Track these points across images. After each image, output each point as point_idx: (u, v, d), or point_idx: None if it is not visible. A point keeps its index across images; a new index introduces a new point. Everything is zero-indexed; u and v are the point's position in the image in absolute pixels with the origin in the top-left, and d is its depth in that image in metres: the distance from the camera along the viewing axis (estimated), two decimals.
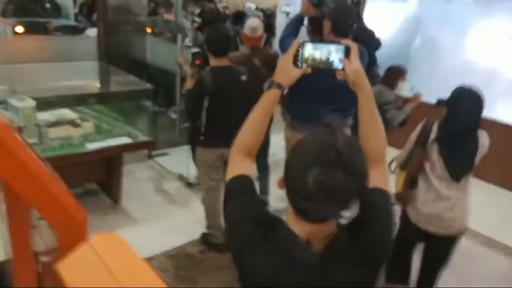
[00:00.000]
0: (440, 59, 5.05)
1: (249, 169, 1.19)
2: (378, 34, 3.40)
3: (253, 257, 1.03)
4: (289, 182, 0.96)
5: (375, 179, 1.09)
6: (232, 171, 1.18)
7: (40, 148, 2.94)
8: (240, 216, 1.09)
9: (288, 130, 3.09)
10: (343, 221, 1.06)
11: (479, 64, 4.72)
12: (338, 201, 0.92)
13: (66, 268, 0.96)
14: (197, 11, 5.22)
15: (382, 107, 3.39)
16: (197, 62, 3.27)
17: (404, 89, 3.59)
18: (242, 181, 1.15)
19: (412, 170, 2.42)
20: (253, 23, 3.16)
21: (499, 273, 3.25)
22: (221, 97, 2.81)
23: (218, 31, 2.84)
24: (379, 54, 3.43)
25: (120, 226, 3.29)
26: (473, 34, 4.88)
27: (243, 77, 2.90)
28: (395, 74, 3.57)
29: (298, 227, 1.00)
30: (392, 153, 2.32)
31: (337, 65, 1.16)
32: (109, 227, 3.14)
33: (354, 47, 1.15)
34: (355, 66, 1.14)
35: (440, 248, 2.46)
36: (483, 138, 2.30)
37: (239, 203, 1.11)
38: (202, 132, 2.90)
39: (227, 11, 5.95)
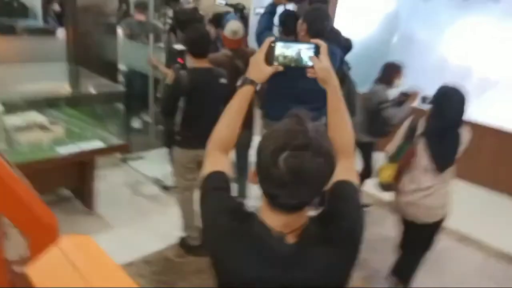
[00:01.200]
0: (416, 56, 5.09)
1: (225, 165, 1.21)
2: (350, 34, 3.45)
3: (229, 250, 1.05)
4: (261, 169, 0.98)
5: (343, 172, 1.13)
6: (208, 167, 1.20)
7: (8, 153, 2.84)
8: (215, 210, 1.10)
9: (264, 131, 3.08)
10: (313, 213, 1.09)
11: (454, 62, 4.84)
12: (309, 183, 0.94)
13: (35, 271, 0.92)
14: (170, 12, 5.15)
15: (378, 106, 3.44)
16: (180, 60, 3.22)
17: (403, 85, 3.55)
18: (218, 176, 1.16)
19: (403, 163, 2.56)
20: (234, 26, 3.15)
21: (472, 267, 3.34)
22: (198, 99, 2.80)
23: (198, 31, 2.84)
24: (356, 50, 3.47)
25: (95, 232, 3.19)
26: (449, 32, 4.97)
27: (223, 80, 2.88)
28: (391, 71, 3.55)
29: (271, 220, 1.03)
30: None
31: (307, 63, 1.21)
32: (84, 234, 3.05)
33: (323, 46, 1.21)
34: (324, 64, 1.20)
35: (419, 235, 2.64)
36: (465, 133, 2.48)
37: (215, 197, 1.13)
38: (179, 132, 2.89)
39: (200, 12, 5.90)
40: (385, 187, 2.70)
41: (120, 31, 4.84)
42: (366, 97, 3.63)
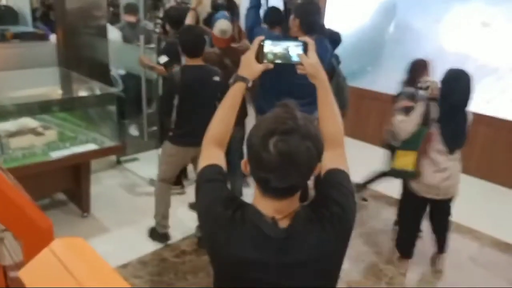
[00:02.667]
0: (413, 45, 5.10)
1: (220, 159, 1.25)
2: (344, 24, 3.42)
3: (224, 236, 1.08)
4: (252, 155, 1.02)
5: (334, 160, 1.18)
6: (204, 161, 1.24)
7: (1, 159, 2.84)
8: (210, 199, 1.14)
9: None
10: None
11: (451, 50, 4.81)
12: (298, 165, 0.98)
13: (28, 274, 0.92)
14: (160, 13, 5.15)
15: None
16: (163, 71, 3.28)
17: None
18: (213, 169, 1.20)
19: (423, 148, 2.73)
20: (223, 25, 3.14)
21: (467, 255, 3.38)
22: (191, 96, 2.83)
23: (192, 32, 2.87)
24: (352, 40, 3.41)
25: (91, 235, 3.20)
26: (446, 20, 4.94)
27: (216, 78, 2.90)
28: (418, 69, 3.25)
29: (264, 206, 1.07)
30: None
31: (296, 59, 1.26)
32: (79, 237, 3.05)
33: (311, 43, 1.26)
34: (312, 60, 1.25)
35: (441, 208, 2.94)
36: (470, 114, 2.72)
37: (209, 188, 1.17)
38: (172, 129, 2.95)
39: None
40: (404, 174, 2.84)
41: (116, 33, 4.82)
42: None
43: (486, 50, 4.66)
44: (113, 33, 4.80)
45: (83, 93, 4.04)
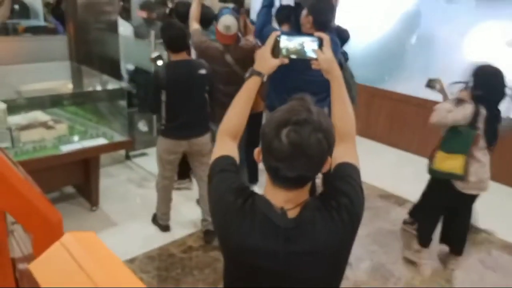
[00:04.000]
0: (437, 56, 5.01)
1: (233, 151, 1.27)
2: (366, 32, 3.38)
3: (234, 225, 1.10)
4: (264, 144, 1.04)
5: (344, 155, 1.20)
6: (217, 151, 1.26)
7: (13, 152, 2.87)
8: (222, 189, 1.16)
9: None
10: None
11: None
12: (308, 156, 1.00)
13: (38, 268, 0.92)
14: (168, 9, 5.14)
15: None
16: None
17: None
18: (225, 160, 1.23)
19: (471, 151, 2.76)
20: (227, 21, 3.12)
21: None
22: (177, 91, 2.90)
23: (174, 27, 2.91)
24: (373, 47, 3.36)
25: (99, 229, 3.22)
26: (472, 33, 4.81)
27: (202, 71, 2.95)
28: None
29: (274, 196, 1.09)
30: None
31: (311, 55, 1.28)
32: (88, 230, 3.07)
33: (326, 39, 1.28)
34: (328, 56, 1.28)
35: (469, 204, 3.01)
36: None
37: (222, 178, 1.19)
38: (163, 124, 3.00)
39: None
40: (451, 176, 2.81)
41: (129, 28, 4.82)
42: None
43: (507, 70, 4.51)
44: (126, 28, 4.82)
45: (93, 87, 4.07)
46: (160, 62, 3.32)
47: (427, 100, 4.89)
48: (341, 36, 3.41)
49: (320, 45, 1.27)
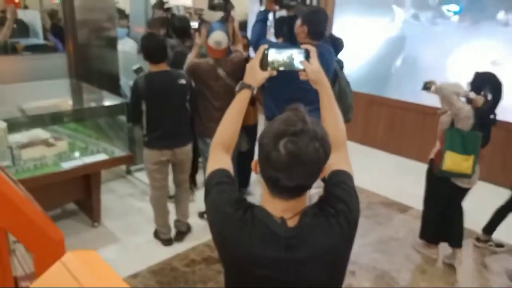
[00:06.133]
0: (418, 76, 5.04)
1: (227, 163, 1.28)
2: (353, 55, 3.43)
3: (235, 235, 1.11)
4: (262, 155, 1.06)
5: (338, 161, 1.23)
6: (212, 165, 1.28)
7: (13, 170, 2.88)
8: (220, 200, 1.17)
9: None
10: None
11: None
12: (306, 165, 1.02)
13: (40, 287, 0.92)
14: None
15: None
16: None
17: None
18: (221, 173, 1.24)
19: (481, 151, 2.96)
20: (218, 37, 3.17)
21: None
22: (158, 101, 2.96)
23: (153, 39, 2.99)
24: (359, 69, 3.44)
25: (101, 245, 3.22)
26: (456, 55, 4.93)
27: (182, 81, 3.02)
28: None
29: (273, 207, 1.11)
30: None
31: (299, 66, 1.31)
32: (91, 247, 3.06)
33: (313, 50, 1.31)
34: (314, 66, 1.31)
35: (465, 196, 3.17)
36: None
37: (219, 191, 1.19)
38: (145, 134, 3.05)
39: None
40: (459, 175, 2.97)
41: (131, 44, 4.87)
42: None
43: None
44: (128, 44, 4.87)
45: (93, 104, 4.09)
46: (141, 74, 3.37)
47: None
48: (336, 45, 3.44)
49: (307, 56, 1.30)
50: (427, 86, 3.05)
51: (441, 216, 3.24)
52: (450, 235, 3.24)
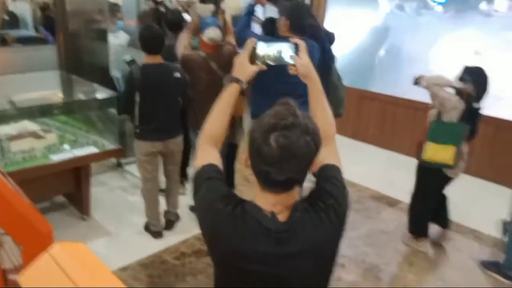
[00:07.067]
0: (403, 67, 5.20)
1: (216, 158, 1.27)
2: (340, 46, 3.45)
3: (225, 231, 1.11)
4: (253, 149, 1.06)
5: (327, 155, 1.23)
6: (201, 160, 1.27)
7: (2, 162, 2.86)
8: (210, 196, 1.16)
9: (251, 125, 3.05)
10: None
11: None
12: (297, 158, 1.03)
13: (27, 279, 0.92)
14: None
15: None
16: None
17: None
18: (210, 168, 1.23)
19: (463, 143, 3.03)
20: (211, 34, 3.17)
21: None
22: (151, 93, 2.96)
23: (151, 30, 2.99)
24: (344, 60, 3.48)
25: (91, 238, 3.22)
26: (439, 46, 5.00)
27: (176, 74, 3.03)
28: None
29: (263, 201, 1.11)
30: None
31: (288, 60, 1.31)
32: (80, 241, 3.05)
33: (302, 44, 1.32)
34: (304, 60, 1.32)
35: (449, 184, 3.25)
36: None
37: (208, 186, 1.19)
38: (137, 126, 3.05)
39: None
40: (442, 166, 3.03)
41: (123, 37, 4.84)
42: None
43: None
44: (122, 37, 4.83)
45: (83, 96, 4.06)
46: (133, 65, 3.36)
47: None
48: (330, 40, 3.45)
49: (296, 50, 1.30)
50: (417, 81, 3.09)
51: (431, 209, 3.31)
52: (441, 218, 3.40)
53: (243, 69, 1.33)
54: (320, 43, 3.03)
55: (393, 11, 5.55)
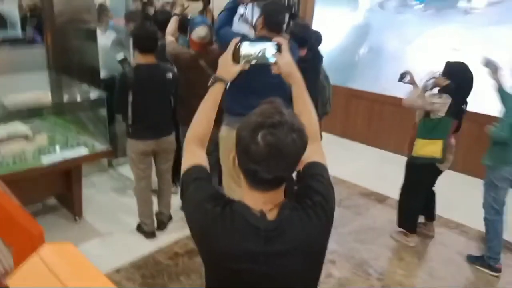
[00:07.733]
0: (384, 65, 5.33)
1: (203, 158, 1.28)
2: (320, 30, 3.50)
3: (214, 231, 1.11)
4: (241, 148, 1.07)
5: (312, 153, 1.23)
6: (187, 161, 1.27)
7: None
8: (198, 197, 1.16)
9: (224, 129, 2.96)
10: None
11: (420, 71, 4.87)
12: (285, 156, 1.04)
13: (16, 281, 0.94)
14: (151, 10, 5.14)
15: None
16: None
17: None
18: (197, 169, 1.24)
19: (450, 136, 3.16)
20: (201, 33, 3.19)
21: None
22: (144, 93, 2.99)
23: (144, 28, 3.02)
24: (327, 58, 3.54)
25: (83, 240, 3.22)
26: (418, 43, 5.14)
27: (169, 75, 3.06)
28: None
29: (252, 199, 1.12)
30: None
31: (271, 60, 1.32)
32: (72, 243, 3.06)
33: (284, 43, 1.32)
34: (287, 59, 1.32)
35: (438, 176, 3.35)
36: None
37: (196, 187, 1.19)
38: (130, 125, 3.07)
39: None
40: (432, 160, 3.12)
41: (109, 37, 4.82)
42: None
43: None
44: (112, 37, 4.82)
45: (73, 97, 4.05)
46: (126, 64, 3.35)
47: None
48: (318, 40, 3.48)
49: (279, 49, 1.31)
50: (403, 77, 3.17)
51: (422, 204, 3.39)
52: (429, 211, 3.55)
53: (227, 68, 1.34)
54: (308, 43, 3.05)
55: (373, 9, 5.66)
